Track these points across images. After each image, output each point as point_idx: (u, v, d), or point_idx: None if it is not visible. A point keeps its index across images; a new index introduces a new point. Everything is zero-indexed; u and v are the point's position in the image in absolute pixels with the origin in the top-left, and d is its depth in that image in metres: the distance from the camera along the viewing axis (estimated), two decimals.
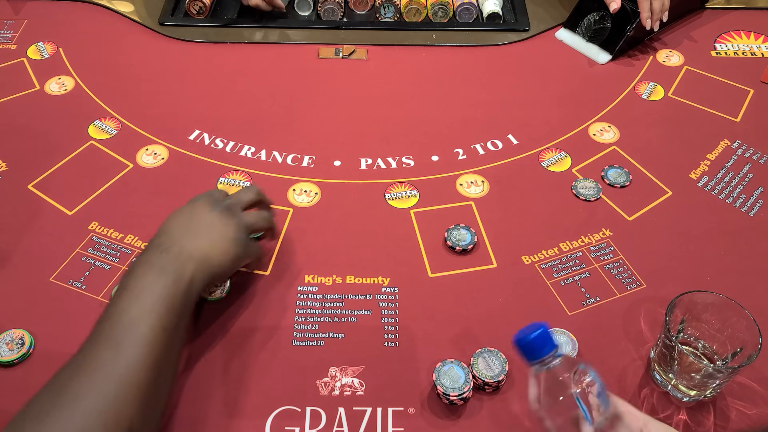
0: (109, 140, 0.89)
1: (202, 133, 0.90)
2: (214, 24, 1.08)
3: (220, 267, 0.63)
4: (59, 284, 0.72)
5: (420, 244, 0.77)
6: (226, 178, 0.84)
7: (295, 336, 0.68)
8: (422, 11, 1.10)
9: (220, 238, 0.64)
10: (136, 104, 0.94)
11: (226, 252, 0.63)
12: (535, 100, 0.96)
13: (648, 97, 0.97)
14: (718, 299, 0.62)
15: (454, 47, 1.05)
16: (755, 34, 1.07)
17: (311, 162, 0.87)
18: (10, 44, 1.03)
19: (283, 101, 0.96)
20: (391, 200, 0.82)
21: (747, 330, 0.61)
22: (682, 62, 1.02)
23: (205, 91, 0.97)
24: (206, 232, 0.63)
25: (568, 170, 0.86)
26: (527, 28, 1.08)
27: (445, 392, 0.61)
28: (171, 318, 0.56)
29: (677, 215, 0.80)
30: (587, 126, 0.92)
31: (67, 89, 0.96)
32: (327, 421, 0.61)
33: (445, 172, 0.86)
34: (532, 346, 0.52)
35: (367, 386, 0.64)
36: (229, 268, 0.65)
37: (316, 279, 0.73)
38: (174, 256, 0.60)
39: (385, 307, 0.71)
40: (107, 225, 0.78)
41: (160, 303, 0.56)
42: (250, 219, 0.68)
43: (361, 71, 1.01)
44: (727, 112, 0.94)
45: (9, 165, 0.85)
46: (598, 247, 0.77)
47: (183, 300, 0.58)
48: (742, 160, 0.87)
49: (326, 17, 1.10)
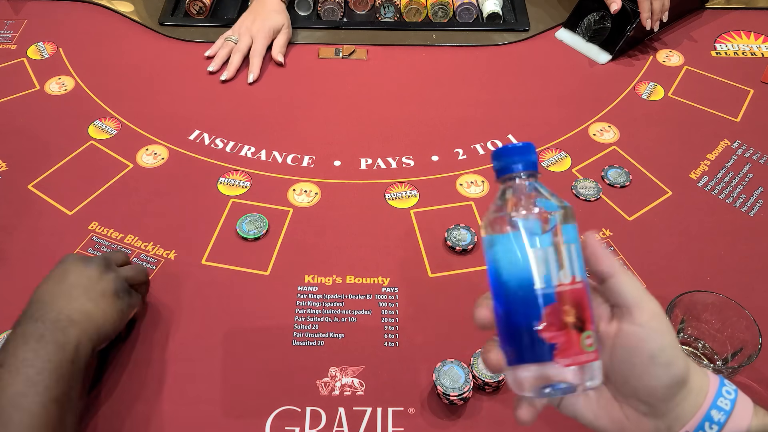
0: (109, 140, 0.89)
1: (202, 133, 0.90)
2: (214, 24, 1.08)
3: (106, 324, 0.59)
4: None
5: (420, 244, 0.77)
6: (226, 178, 0.84)
7: (295, 336, 0.68)
8: (422, 11, 1.10)
9: (100, 295, 0.60)
10: (136, 104, 0.94)
11: (111, 307, 0.60)
12: (535, 100, 0.96)
13: (648, 97, 0.97)
14: (718, 299, 0.62)
15: (454, 47, 1.05)
16: (755, 34, 1.07)
17: (311, 162, 0.87)
18: (10, 44, 1.03)
19: (283, 101, 0.96)
20: (391, 200, 0.82)
21: (747, 330, 0.61)
22: (682, 62, 1.02)
23: (205, 91, 0.97)
24: (84, 291, 0.59)
25: (568, 170, 0.86)
26: (527, 28, 1.08)
27: (445, 392, 0.61)
28: (61, 388, 0.52)
29: (677, 215, 0.80)
30: (587, 126, 0.92)
31: (67, 89, 0.96)
32: (327, 421, 0.61)
33: (445, 172, 0.86)
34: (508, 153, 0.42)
35: (367, 386, 0.64)
36: (117, 324, 0.61)
37: (316, 279, 0.73)
38: (51, 322, 0.55)
39: (385, 307, 0.71)
40: (107, 225, 0.78)
41: (46, 374, 0.52)
42: (128, 272, 0.65)
43: (361, 71, 1.01)
44: (727, 112, 0.94)
45: (9, 165, 0.85)
46: None
47: (71, 367, 0.54)
48: (742, 160, 0.87)
49: (326, 17, 1.10)
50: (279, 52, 1.01)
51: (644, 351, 0.39)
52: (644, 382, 0.39)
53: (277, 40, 1.02)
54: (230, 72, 0.98)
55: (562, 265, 0.39)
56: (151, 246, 0.76)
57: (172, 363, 0.66)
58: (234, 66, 0.99)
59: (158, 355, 0.66)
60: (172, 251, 0.76)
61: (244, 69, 1.00)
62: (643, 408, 0.40)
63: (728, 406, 0.40)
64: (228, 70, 0.98)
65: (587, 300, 0.40)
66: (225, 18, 1.11)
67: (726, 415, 0.39)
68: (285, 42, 1.02)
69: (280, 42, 1.01)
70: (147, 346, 0.67)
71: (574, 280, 0.39)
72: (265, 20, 1.01)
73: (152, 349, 0.67)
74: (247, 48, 1.00)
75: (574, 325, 0.39)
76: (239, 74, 0.99)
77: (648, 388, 0.39)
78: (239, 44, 1.00)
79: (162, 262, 0.74)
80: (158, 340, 0.67)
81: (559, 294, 0.39)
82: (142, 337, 0.68)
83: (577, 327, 0.39)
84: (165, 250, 0.76)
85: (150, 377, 0.64)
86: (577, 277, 0.40)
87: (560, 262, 0.39)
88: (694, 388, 0.40)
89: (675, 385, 0.39)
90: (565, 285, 0.39)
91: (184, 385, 0.64)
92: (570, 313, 0.39)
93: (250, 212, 0.79)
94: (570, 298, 0.39)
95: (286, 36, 1.02)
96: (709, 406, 0.40)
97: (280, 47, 1.01)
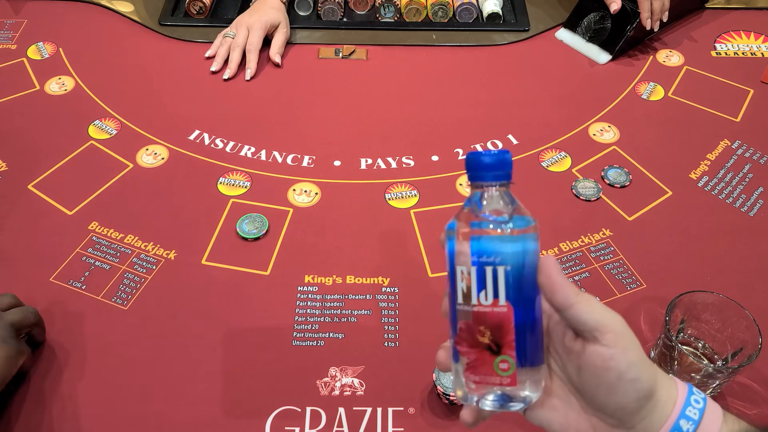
0: (109, 140, 0.89)
1: (202, 133, 0.90)
2: (214, 24, 1.08)
3: None
4: (59, 284, 0.72)
5: (420, 244, 0.77)
6: (226, 178, 0.84)
7: (295, 336, 0.68)
8: (422, 11, 1.10)
9: None
10: (136, 104, 0.94)
11: None
12: (535, 100, 0.96)
13: (648, 97, 0.97)
14: (718, 299, 0.62)
15: (454, 47, 1.05)
16: (755, 34, 1.07)
17: (311, 162, 0.87)
18: (10, 44, 1.03)
19: (283, 101, 0.96)
20: (391, 200, 0.82)
21: (747, 330, 0.61)
22: (682, 62, 1.02)
23: (205, 91, 0.97)
24: None
25: (568, 170, 0.86)
26: (527, 28, 1.08)
27: (445, 392, 0.61)
28: None
29: (677, 215, 0.80)
30: (587, 126, 0.92)
31: (67, 89, 0.96)
32: (327, 421, 0.61)
33: (445, 172, 0.86)
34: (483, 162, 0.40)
35: (367, 386, 0.64)
36: (5, 375, 0.58)
37: (316, 279, 0.73)
38: None
39: (385, 307, 0.71)
40: (107, 225, 0.78)
41: None
42: (15, 316, 0.61)
43: (361, 71, 1.01)
44: (727, 112, 0.94)
45: (9, 165, 0.85)
46: (598, 247, 0.77)
47: None
48: (742, 160, 0.87)
49: (326, 17, 1.10)
50: (277, 53, 1.00)
51: (611, 370, 0.38)
52: (612, 398, 0.39)
53: (275, 40, 1.02)
54: (232, 69, 0.98)
55: (485, 286, 0.39)
56: (151, 246, 0.76)
57: (172, 363, 0.66)
58: (235, 62, 0.99)
59: (158, 355, 0.66)
60: (172, 251, 0.76)
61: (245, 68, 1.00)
62: (611, 421, 0.40)
63: (697, 415, 0.39)
64: (229, 68, 0.98)
65: (511, 326, 0.39)
66: (225, 18, 1.11)
67: (695, 425, 0.39)
68: (282, 42, 1.02)
69: (277, 42, 1.01)
70: (147, 347, 0.67)
71: (496, 303, 0.39)
72: (262, 15, 1.01)
73: (152, 349, 0.67)
74: (245, 41, 1.00)
75: (487, 347, 0.39)
76: (239, 74, 0.99)
77: (615, 404, 0.39)
78: (237, 38, 1.00)
79: (162, 262, 0.74)
80: (158, 340, 0.67)
81: (476, 314, 0.39)
82: (142, 337, 0.68)
83: (491, 349, 0.39)
84: (165, 250, 0.76)
85: (150, 377, 0.64)
86: (500, 300, 0.39)
87: (484, 282, 0.39)
88: (662, 398, 0.40)
89: (642, 398, 0.39)
90: (484, 306, 0.39)
91: (184, 385, 0.64)
92: (485, 334, 0.39)
93: (250, 212, 0.79)
94: (487, 320, 0.39)
95: (283, 36, 1.02)
96: (677, 416, 0.39)
97: (277, 48, 1.01)
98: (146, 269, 0.74)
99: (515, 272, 0.39)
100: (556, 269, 0.39)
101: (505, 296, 0.39)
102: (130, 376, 0.65)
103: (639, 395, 0.39)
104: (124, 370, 0.65)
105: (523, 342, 0.39)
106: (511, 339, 0.39)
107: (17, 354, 0.60)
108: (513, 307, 0.39)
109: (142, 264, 0.74)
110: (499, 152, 0.40)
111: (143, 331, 0.68)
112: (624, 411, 0.39)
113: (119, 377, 0.64)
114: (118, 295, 0.71)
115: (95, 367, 0.65)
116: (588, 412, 0.41)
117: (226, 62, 1.00)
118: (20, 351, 0.61)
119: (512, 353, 0.39)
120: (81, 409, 0.62)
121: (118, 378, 0.64)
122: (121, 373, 0.65)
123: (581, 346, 0.39)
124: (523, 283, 0.39)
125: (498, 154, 0.40)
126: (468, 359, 0.40)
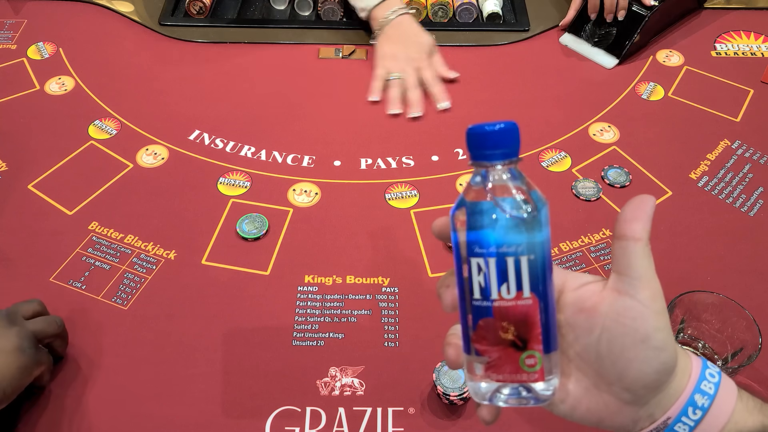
0: (109, 140, 0.89)
1: (202, 133, 0.90)
2: (214, 24, 1.08)
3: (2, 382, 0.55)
4: (59, 284, 0.72)
5: (420, 244, 0.77)
6: (226, 178, 0.84)
7: (295, 336, 0.68)
8: (422, 11, 1.10)
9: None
10: (136, 104, 0.94)
11: (7, 366, 0.56)
12: (535, 100, 0.96)
13: (648, 97, 0.97)
14: (718, 299, 0.62)
15: (454, 47, 1.05)
16: (755, 34, 1.07)
17: (311, 162, 0.87)
18: (10, 44, 1.03)
19: (283, 101, 0.96)
20: (391, 200, 0.82)
21: (747, 330, 0.61)
22: (682, 62, 1.02)
23: (205, 91, 0.97)
24: None
25: (568, 170, 0.86)
26: (527, 28, 1.08)
27: (445, 392, 0.61)
28: None
29: (677, 215, 0.80)
30: (587, 126, 0.92)
31: (67, 89, 0.96)
32: (327, 421, 0.61)
33: (445, 172, 0.86)
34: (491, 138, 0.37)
35: (367, 386, 0.64)
36: (17, 382, 0.56)
37: (316, 279, 0.73)
38: None
39: (385, 307, 0.71)
40: (107, 225, 0.78)
41: None
42: (37, 325, 0.60)
43: (361, 71, 1.01)
44: (727, 112, 0.94)
45: (9, 165, 0.85)
46: (598, 247, 0.77)
47: None
48: (742, 160, 0.87)
49: (326, 17, 1.10)
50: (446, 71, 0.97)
51: (639, 330, 0.36)
52: (633, 365, 0.36)
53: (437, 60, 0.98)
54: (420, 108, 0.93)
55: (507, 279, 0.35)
56: (151, 246, 0.76)
57: (172, 363, 0.66)
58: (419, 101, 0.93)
59: (158, 355, 0.66)
60: (172, 251, 0.76)
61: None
62: (626, 396, 0.37)
63: (712, 389, 0.37)
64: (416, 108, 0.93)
65: (537, 319, 0.36)
66: (225, 18, 1.11)
67: (710, 399, 0.37)
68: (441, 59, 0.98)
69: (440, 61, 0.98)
70: (147, 347, 0.67)
71: (520, 296, 0.36)
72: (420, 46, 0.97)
73: (152, 349, 0.67)
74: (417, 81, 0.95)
75: (512, 343, 0.36)
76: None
77: (636, 373, 0.36)
78: (409, 80, 0.95)
79: (162, 262, 0.74)
80: (158, 340, 0.67)
81: (497, 309, 0.36)
82: (142, 337, 0.68)
83: (516, 345, 0.36)
84: (165, 250, 0.76)
85: (150, 377, 0.64)
86: (524, 293, 0.36)
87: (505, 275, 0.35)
88: (678, 371, 0.37)
89: (664, 372, 0.36)
90: (506, 300, 0.36)
91: (184, 385, 0.64)
92: (508, 330, 0.36)
93: (250, 212, 0.79)
94: (511, 314, 0.36)
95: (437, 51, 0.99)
96: (692, 390, 0.37)
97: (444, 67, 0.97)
98: (146, 269, 0.74)
99: (539, 260, 0.36)
100: (649, 203, 0.36)
101: (529, 288, 0.36)
102: (130, 376, 0.65)
103: (661, 367, 0.36)
104: (124, 370, 0.65)
105: (547, 332, 0.36)
106: (538, 333, 0.36)
107: (34, 364, 0.58)
108: (538, 298, 0.36)
109: (142, 264, 0.74)
110: (506, 124, 0.36)
111: (143, 331, 0.68)
112: (642, 383, 0.36)
113: (119, 377, 0.64)
114: (118, 295, 0.71)
115: (95, 367, 0.65)
116: (600, 388, 0.38)
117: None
118: (38, 361, 0.59)
119: (539, 347, 0.36)
120: (81, 409, 0.62)
121: (118, 378, 0.64)
122: (121, 373, 0.65)
123: (611, 300, 0.37)
124: (546, 269, 0.36)
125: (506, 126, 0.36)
126: (490, 358, 0.37)
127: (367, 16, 1.01)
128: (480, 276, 0.36)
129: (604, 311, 0.37)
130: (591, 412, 0.39)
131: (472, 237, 0.36)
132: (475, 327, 0.37)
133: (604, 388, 0.38)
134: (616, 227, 0.37)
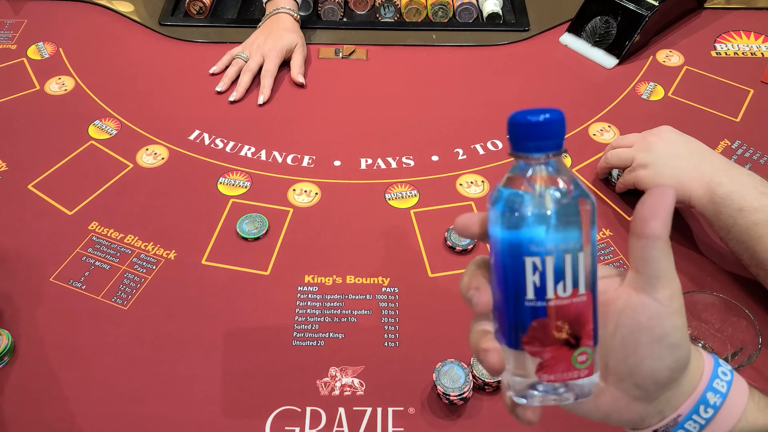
0: (109, 140, 0.89)
1: (202, 133, 0.90)
2: (214, 24, 1.08)
3: None
4: (59, 284, 0.72)
5: (420, 244, 0.77)
6: (226, 178, 0.84)
7: (295, 336, 0.68)
8: (422, 11, 1.10)
9: None
10: (136, 104, 0.94)
11: None
12: (535, 100, 0.96)
13: (648, 97, 0.97)
14: (718, 299, 0.62)
15: (454, 47, 1.05)
16: (755, 34, 1.07)
17: (311, 162, 0.87)
18: (10, 44, 1.03)
19: (283, 101, 0.96)
20: (391, 200, 0.82)
21: (747, 330, 0.61)
22: (682, 62, 1.02)
23: (205, 91, 0.97)
24: None
25: None
26: (527, 28, 1.08)
27: (445, 392, 0.61)
28: None
29: (677, 215, 0.80)
30: (587, 126, 0.92)
31: (67, 89, 0.96)
32: (327, 421, 0.61)
33: (445, 172, 0.86)
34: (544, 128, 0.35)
35: (367, 386, 0.64)
36: None
37: (316, 279, 0.73)
38: None
39: (385, 307, 0.71)
40: (107, 225, 0.78)
41: None
42: None
43: (361, 71, 1.01)
44: (727, 112, 0.94)
45: (9, 165, 0.85)
46: (599, 247, 0.77)
47: None
48: (742, 160, 0.87)
49: (326, 17, 1.10)
50: (298, 73, 0.98)
51: (655, 329, 0.35)
52: (646, 362, 0.35)
53: (294, 60, 0.99)
54: (240, 93, 0.95)
55: (563, 277, 0.34)
56: (151, 246, 0.76)
57: (172, 363, 0.66)
58: (243, 86, 0.96)
59: (158, 355, 0.66)
60: (172, 251, 0.76)
61: (254, 89, 0.97)
62: (636, 392, 0.37)
63: (725, 388, 0.36)
64: (237, 91, 0.95)
65: (590, 314, 0.35)
66: (225, 18, 1.11)
67: (722, 398, 0.36)
68: (302, 61, 1.00)
69: (297, 62, 0.99)
70: (146, 347, 0.67)
71: (576, 293, 0.34)
72: (277, 40, 0.99)
73: (152, 349, 0.67)
74: (258, 67, 0.98)
75: (565, 342, 0.35)
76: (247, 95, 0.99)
77: (648, 369, 0.36)
78: (249, 63, 0.98)
79: (162, 262, 0.74)
80: (158, 340, 0.67)
81: (553, 308, 0.35)
82: (142, 337, 0.68)
83: (569, 344, 0.35)
84: (165, 250, 0.76)
85: (150, 377, 0.64)
86: (580, 289, 0.34)
87: (562, 273, 0.34)
88: (690, 368, 0.37)
89: (677, 369, 0.36)
90: (562, 299, 0.34)
91: (184, 385, 0.64)
92: (562, 329, 0.35)
93: (250, 212, 0.79)
94: (567, 313, 0.35)
95: (301, 56, 1.00)
96: (705, 387, 0.36)
97: (298, 68, 0.98)
98: (146, 269, 0.74)
99: (593, 254, 0.35)
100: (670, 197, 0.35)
101: (584, 284, 0.34)
102: (130, 376, 0.65)
103: (674, 365, 0.36)
104: (124, 370, 0.65)
105: (596, 325, 0.36)
106: (590, 328, 0.35)
107: None
108: (592, 293, 0.35)
109: (142, 264, 0.74)
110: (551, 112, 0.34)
111: (143, 331, 0.68)
112: (654, 379, 0.36)
113: (119, 377, 0.64)
114: (118, 295, 0.71)
115: (95, 367, 0.65)
116: (611, 383, 0.37)
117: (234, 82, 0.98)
118: None
119: (591, 342, 0.35)
120: (81, 409, 0.62)
121: (118, 378, 0.64)
122: (121, 373, 0.65)
123: (627, 296, 0.36)
124: (596, 262, 0.35)
125: (559, 114, 0.34)
126: (542, 359, 0.35)
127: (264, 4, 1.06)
128: (535, 275, 0.34)
129: (620, 307, 0.36)
130: (598, 406, 0.38)
131: (527, 235, 0.34)
132: (527, 329, 0.35)
133: (613, 383, 0.38)
134: (632, 225, 0.36)
